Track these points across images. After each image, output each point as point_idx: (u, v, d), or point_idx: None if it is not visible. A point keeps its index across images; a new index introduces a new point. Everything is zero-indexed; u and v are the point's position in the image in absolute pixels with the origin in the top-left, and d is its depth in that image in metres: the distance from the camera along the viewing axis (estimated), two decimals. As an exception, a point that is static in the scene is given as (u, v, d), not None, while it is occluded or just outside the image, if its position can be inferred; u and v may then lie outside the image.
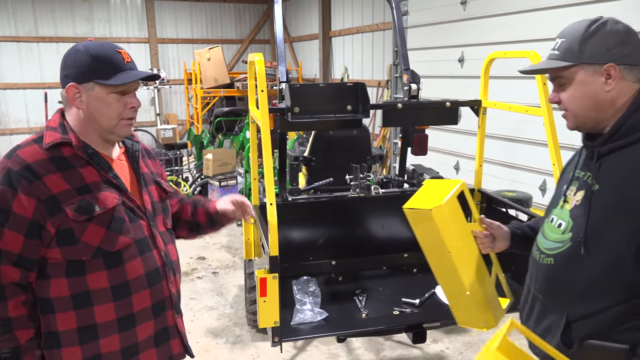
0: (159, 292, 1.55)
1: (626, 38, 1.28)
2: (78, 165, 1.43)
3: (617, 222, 1.24)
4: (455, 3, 5.98)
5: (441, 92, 5.68)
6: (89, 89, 1.42)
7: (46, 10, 9.87)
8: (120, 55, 1.45)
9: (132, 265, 1.47)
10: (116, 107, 1.45)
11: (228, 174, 6.50)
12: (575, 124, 1.36)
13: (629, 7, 4.16)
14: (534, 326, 1.45)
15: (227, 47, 11.25)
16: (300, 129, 4.14)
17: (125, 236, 1.46)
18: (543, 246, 1.43)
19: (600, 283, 1.28)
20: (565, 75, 1.31)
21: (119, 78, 1.42)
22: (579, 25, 1.30)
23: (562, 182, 1.50)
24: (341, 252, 3.13)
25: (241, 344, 3.54)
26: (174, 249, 1.66)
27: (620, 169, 1.27)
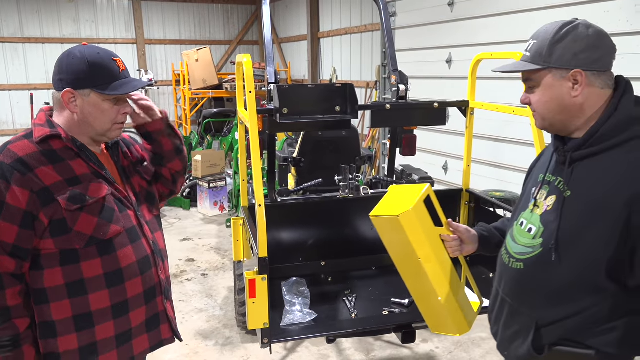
0: (150, 278, 1.61)
1: (596, 42, 1.26)
2: (67, 157, 1.48)
3: (589, 229, 1.23)
4: (442, 4, 6.02)
5: (429, 93, 5.71)
6: (85, 95, 1.47)
7: (31, 11, 9.77)
8: (116, 64, 1.51)
9: (124, 252, 1.53)
10: (110, 113, 1.51)
11: (217, 175, 6.48)
12: (542, 125, 1.37)
13: (624, 6, 4.21)
14: (503, 329, 1.45)
15: (216, 48, 11.21)
16: (289, 130, 4.13)
17: (116, 224, 1.51)
18: (513, 250, 1.43)
19: (569, 289, 1.28)
20: (535, 78, 1.31)
21: (115, 88, 1.48)
22: (551, 27, 1.29)
23: (530, 184, 1.49)
24: (330, 252, 3.13)
25: (231, 345, 3.53)
26: (161, 237, 1.73)
27: (593, 176, 1.26)
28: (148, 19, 10.75)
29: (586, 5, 4.29)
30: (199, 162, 6.37)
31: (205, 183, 6.43)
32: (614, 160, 1.23)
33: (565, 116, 1.30)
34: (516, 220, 1.47)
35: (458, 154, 5.18)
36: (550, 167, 1.39)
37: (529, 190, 1.46)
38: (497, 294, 1.49)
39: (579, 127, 1.31)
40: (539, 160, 1.55)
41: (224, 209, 6.57)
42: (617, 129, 1.24)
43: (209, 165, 6.44)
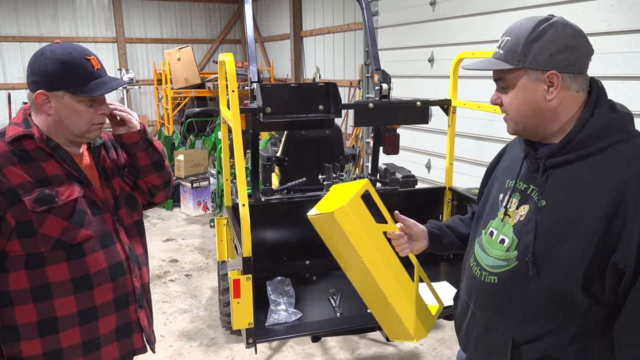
0: (122, 286, 1.56)
1: (573, 43, 1.20)
2: (40, 158, 1.44)
3: (565, 242, 1.16)
4: (424, 4, 6.06)
5: (412, 92, 5.75)
6: (59, 97, 1.43)
7: (8, 9, 9.58)
8: (90, 63, 1.45)
9: (94, 258, 1.48)
10: (86, 115, 1.46)
11: (200, 175, 6.44)
12: (514, 129, 1.27)
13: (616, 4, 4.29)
14: (476, 343, 1.38)
15: (198, 47, 11.13)
16: (272, 129, 4.12)
17: (87, 229, 1.46)
18: (484, 262, 1.33)
19: (546, 305, 1.21)
20: (508, 78, 1.22)
21: (90, 89, 1.42)
22: (526, 24, 1.20)
23: (495, 189, 1.40)
24: (315, 251, 3.13)
25: (215, 346, 3.51)
26: (140, 243, 1.67)
27: (568, 185, 1.18)
28: (128, 17, 10.62)
29: (564, 5, 4.36)
30: (181, 161, 6.32)
31: (188, 183, 6.38)
32: (590, 168, 1.16)
33: (539, 120, 1.22)
34: (485, 228, 1.37)
35: (441, 152, 5.23)
36: (521, 173, 1.30)
37: (495, 197, 1.38)
38: (467, 306, 1.40)
39: (553, 132, 1.23)
40: (500, 161, 1.46)
41: (208, 209, 6.53)
42: (594, 137, 1.17)
43: (191, 165, 6.39)
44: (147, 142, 1.68)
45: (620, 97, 4.08)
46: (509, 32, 1.23)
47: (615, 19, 4.04)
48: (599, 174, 1.14)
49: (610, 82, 4.14)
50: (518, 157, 1.34)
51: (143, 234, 1.72)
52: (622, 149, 1.15)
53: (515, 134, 1.30)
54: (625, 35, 3.99)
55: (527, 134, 1.27)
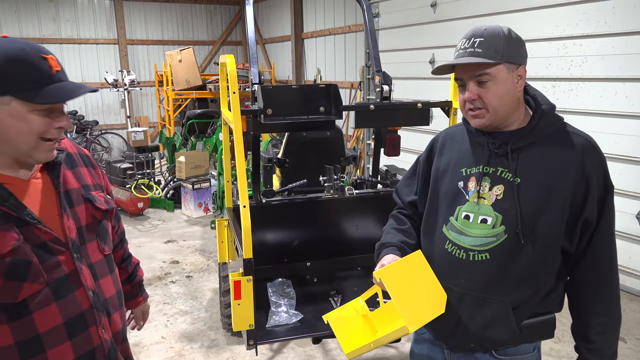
0: (85, 342, 1.25)
1: (523, 44, 1.41)
2: None
3: (545, 211, 1.36)
4: (425, 5, 6.07)
5: (413, 94, 5.75)
6: (4, 103, 1.10)
7: (10, 10, 9.60)
8: (47, 63, 1.14)
9: (44, 313, 1.17)
10: (37, 126, 1.14)
11: (201, 176, 6.44)
12: (491, 120, 1.40)
13: (617, 6, 4.28)
14: (468, 322, 1.45)
15: (199, 49, 11.15)
16: (273, 130, 4.12)
17: (32, 282, 1.15)
18: (468, 244, 1.43)
19: (536, 268, 1.39)
20: (491, 72, 1.35)
21: (47, 94, 1.12)
22: (494, 27, 1.38)
23: (450, 181, 1.50)
24: (316, 253, 3.14)
25: (216, 347, 3.51)
26: (110, 283, 1.36)
27: (538, 162, 1.39)
28: (130, 19, 10.64)
29: (564, 6, 4.37)
30: (182, 163, 6.33)
31: (189, 184, 6.38)
32: (552, 147, 1.39)
33: (510, 110, 1.40)
34: (453, 215, 1.48)
35: (442, 154, 5.22)
36: (484, 160, 1.44)
37: (453, 186, 1.49)
38: (450, 291, 1.48)
39: (514, 119, 1.42)
40: (436, 157, 1.58)
41: (209, 211, 6.54)
42: (550, 122, 1.41)
43: (192, 167, 6.40)
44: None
45: (622, 98, 4.08)
46: (478, 34, 1.38)
47: (616, 21, 4.04)
48: (562, 151, 1.38)
49: (611, 84, 4.14)
50: (467, 149, 1.50)
51: (114, 270, 1.41)
52: (567, 130, 1.42)
53: (489, 126, 1.42)
54: (626, 36, 3.99)
55: (496, 125, 1.42)
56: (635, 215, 4.11)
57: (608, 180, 1.40)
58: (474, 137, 1.49)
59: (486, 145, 1.45)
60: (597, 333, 1.44)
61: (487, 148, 1.44)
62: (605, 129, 4.19)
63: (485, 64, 1.34)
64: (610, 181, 1.40)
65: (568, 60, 4.42)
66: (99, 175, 1.45)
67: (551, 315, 1.46)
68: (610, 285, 1.44)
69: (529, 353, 1.49)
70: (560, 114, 1.47)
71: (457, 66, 1.40)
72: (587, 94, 4.32)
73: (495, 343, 1.46)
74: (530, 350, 1.49)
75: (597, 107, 4.24)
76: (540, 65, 4.63)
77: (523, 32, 1.52)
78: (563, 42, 4.45)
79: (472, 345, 1.48)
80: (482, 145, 1.46)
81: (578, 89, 4.38)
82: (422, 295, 1.40)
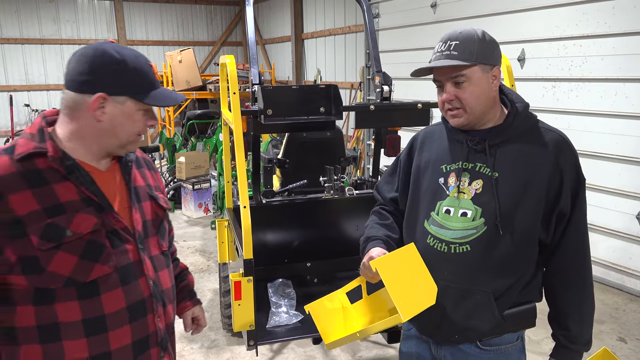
0: (142, 328, 1.35)
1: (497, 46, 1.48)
2: (53, 180, 1.23)
3: (522, 203, 1.44)
4: (425, 6, 6.07)
5: (413, 94, 5.75)
6: (120, 102, 1.27)
7: (10, 11, 9.61)
8: (152, 70, 1.33)
9: (111, 296, 1.28)
10: (140, 124, 1.33)
11: (201, 177, 6.44)
12: (468, 119, 1.47)
13: (617, 6, 4.28)
14: (452, 314, 1.50)
15: (199, 49, 11.16)
16: (273, 131, 4.12)
17: (103, 265, 1.27)
18: (449, 237, 1.49)
19: (514, 258, 1.46)
20: (466, 73, 1.42)
21: (155, 97, 1.30)
22: (469, 30, 1.44)
23: (430, 178, 1.57)
24: (316, 254, 3.14)
25: (216, 348, 3.51)
26: (167, 276, 1.46)
27: (514, 157, 1.46)
28: (130, 19, 10.65)
29: (565, 7, 4.37)
30: (182, 164, 6.33)
31: (189, 185, 6.38)
32: (527, 143, 1.46)
33: (486, 108, 1.47)
34: (434, 210, 1.54)
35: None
36: (463, 156, 1.51)
37: (433, 182, 1.55)
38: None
39: (490, 118, 1.49)
40: (416, 155, 1.65)
41: (209, 211, 6.54)
42: (525, 119, 1.48)
43: (193, 167, 6.40)
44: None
45: (622, 99, 4.08)
46: (453, 38, 1.44)
47: (616, 21, 4.04)
48: (536, 147, 1.45)
49: (611, 84, 4.14)
50: (447, 146, 1.57)
51: (170, 265, 1.52)
52: (541, 127, 1.49)
53: (466, 125, 1.49)
54: (626, 37, 3.99)
55: (474, 123, 1.49)
56: (635, 216, 4.12)
57: (580, 174, 1.47)
58: (453, 135, 1.55)
59: (465, 142, 1.51)
60: (571, 321, 1.51)
61: (466, 145, 1.51)
62: (605, 129, 4.19)
63: (461, 65, 1.41)
64: (582, 174, 1.48)
65: (568, 61, 4.42)
66: (159, 179, 1.58)
67: (532, 305, 1.52)
68: (583, 274, 1.51)
69: (512, 342, 1.54)
70: (560, 114, 1.50)
71: (435, 68, 1.46)
72: (587, 94, 4.32)
73: (479, 333, 1.50)
74: (514, 340, 1.54)
75: (597, 107, 4.24)
76: (541, 65, 4.63)
77: (523, 33, 1.53)
78: (563, 43, 4.45)
79: (456, 336, 1.52)
80: (461, 142, 1.52)
81: (578, 90, 4.38)
82: (414, 286, 1.44)
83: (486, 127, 1.50)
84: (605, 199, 4.30)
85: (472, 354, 1.52)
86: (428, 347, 1.62)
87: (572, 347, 1.53)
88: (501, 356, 1.53)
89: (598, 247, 4.41)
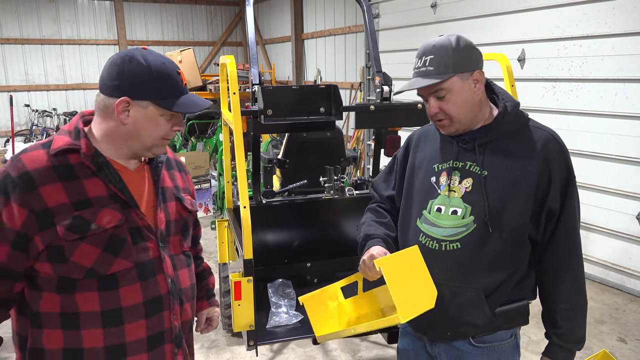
0: (158, 323, 1.40)
1: (474, 46, 1.49)
2: (83, 176, 1.31)
3: (511, 201, 1.45)
4: (425, 6, 6.07)
5: (413, 94, 5.74)
6: (143, 106, 1.32)
7: (10, 11, 9.61)
8: (180, 77, 1.36)
9: (129, 290, 1.34)
10: (164, 128, 1.36)
11: (201, 177, 6.44)
12: (456, 128, 1.49)
13: (617, 7, 4.28)
14: (443, 308, 1.51)
15: (199, 49, 11.16)
16: (273, 131, 4.13)
17: (124, 259, 1.32)
18: (440, 235, 1.51)
19: (504, 255, 1.47)
20: (445, 87, 1.43)
21: (180, 104, 1.34)
22: (442, 41, 1.44)
23: (423, 177, 1.59)
24: (316, 254, 3.14)
25: (216, 348, 3.51)
26: (186, 275, 1.50)
27: (503, 156, 1.48)
28: (130, 19, 10.65)
29: (565, 7, 4.37)
30: (182, 164, 6.33)
31: (189, 185, 6.38)
32: (516, 142, 1.48)
33: (474, 113, 1.48)
34: (426, 209, 1.56)
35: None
36: (454, 155, 1.53)
37: (426, 181, 1.58)
38: None
39: (480, 119, 1.50)
40: (411, 155, 1.67)
41: (209, 211, 6.54)
42: (515, 118, 1.50)
43: (193, 167, 6.40)
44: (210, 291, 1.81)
45: (622, 99, 4.08)
46: (427, 52, 1.45)
47: (616, 22, 4.04)
48: (525, 145, 1.47)
49: (611, 85, 4.14)
50: (439, 146, 1.60)
51: (191, 265, 1.56)
52: (531, 125, 1.50)
53: (455, 132, 1.51)
54: (626, 37, 3.99)
55: (464, 129, 1.51)
56: (635, 216, 4.12)
57: (570, 172, 1.48)
58: (444, 136, 1.58)
59: (455, 141, 1.54)
60: (562, 319, 1.52)
61: (456, 144, 1.53)
62: (605, 129, 4.18)
63: (438, 82, 1.42)
64: (572, 172, 1.49)
65: (568, 61, 4.42)
66: (189, 181, 1.62)
67: (524, 302, 1.53)
68: (574, 271, 1.51)
69: (506, 340, 1.55)
70: (560, 114, 1.50)
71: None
72: (587, 94, 4.32)
73: (471, 330, 1.51)
74: (507, 337, 1.55)
75: (598, 107, 4.24)
76: (541, 65, 4.63)
77: (523, 33, 1.54)
78: (563, 43, 4.45)
79: (449, 333, 1.54)
80: (452, 141, 1.55)
81: (578, 90, 4.38)
82: (415, 288, 1.44)
83: (477, 127, 1.52)
84: (605, 199, 4.30)
85: (466, 351, 1.54)
86: (423, 344, 1.64)
87: (564, 345, 1.53)
88: (494, 353, 1.54)
89: (598, 247, 4.41)
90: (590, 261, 4.48)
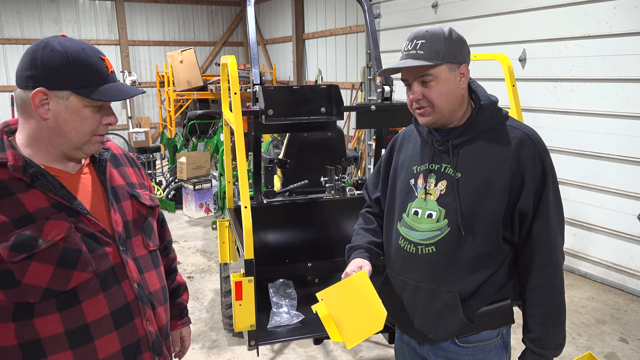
0: (131, 333, 1.29)
1: (465, 42, 1.48)
2: (18, 190, 1.17)
3: (484, 203, 1.43)
4: (426, 6, 6.07)
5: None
6: (63, 97, 1.18)
7: (11, 11, 9.62)
8: (104, 64, 1.23)
9: (92, 303, 1.21)
10: (91, 122, 1.22)
11: (202, 177, 6.45)
12: (436, 118, 1.46)
13: (618, 7, 4.28)
14: (423, 313, 1.53)
15: (200, 49, 11.16)
16: (274, 131, 4.13)
17: (82, 270, 1.19)
18: (417, 238, 1.51)
19: (480, 258, 1.45)
20: (433, 73, 1.41)
21: (104, 92, 1.20)
22: (435, 28, 1.43)
23: (403, 179, 1.58)
24: (317, 254, 3.14)
25: (217, 348, 3.51)
26: (155, 277, 1.39)
27: (476, 157, 1.46)
28: (131, 19, 10.66)
29: (566, 7, 4.36)
30: (184, 164, 6.33)
31: (190, 185, 6.39)
32: (489, 142, 1.46)
33: (455, 107, 1.46)
34: (405, 212, 1.55)
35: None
36: (429, 157, 1.52)
37: (405, 184, 1.57)
38: (404, 284, 1.57)
39: (458, 116, 1.48)
40: (395, 156, 1.66)
41: (210, 211, 6.54)
42: (489, 118, 1.47)
43: (194, 167, 6.40)
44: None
45: (623, 99, 4.07)
46: (420, 36, 1.43)
47: (617, 22, 4.04)
48: (499, 145, 1.45)
49: (612, 85, 4.14)
50: (418, 148, 1.58)
51: (160, 266, 1.45)
52: (507, 124, 1.48)
53: (433, 123, 1.48)
54: (627, 37, 3.99)
55: (441, 123, 1.48)
56: (636, 216, 4.11)
57: (546, 171, 1.44)
58: (422, 136, 1.57)
59: (431, 143, 1.52)
60: (535, 323, 1.48)
61: (432, 145, 1.52)
62: (606, 129, 4.18)
63: (427, 65, 1.40)
64: (548, 173, 1.44)
65: (569, 61, 4.42)
66: (143, 176, 1.52)
67: (506, 302, 1.50)
68: (549, 276, 1.47)
69: (492, 339, 1.53)
70: (562, 114, 1.49)
71: (402, 68, 1.45)
72: (588, 94, 4.31)
73: (448, 333, 1.51)
74: (494, 337, 1.53)
75: (599, 107, 4.24)
76: (542, 65, 4.63)
77: (524, 33, 1.53)
78: (564, 43, 4.45)
79: (430, 336, 1.55)
80: (428, 143, 1.53)
81: (579, 90, 4.38)
82: (361, 314, 1.45)
83: (454, 126, 1.50)
84: (606, 200, 4.29)
85: (451, 351, 1.54)
86: (415, 344, 1.65)
87: (537, 351, 1.48)
88: (480, 353, 1.53)
89: (599, 247, 4.41)
90: (591, 261, 4.48)
